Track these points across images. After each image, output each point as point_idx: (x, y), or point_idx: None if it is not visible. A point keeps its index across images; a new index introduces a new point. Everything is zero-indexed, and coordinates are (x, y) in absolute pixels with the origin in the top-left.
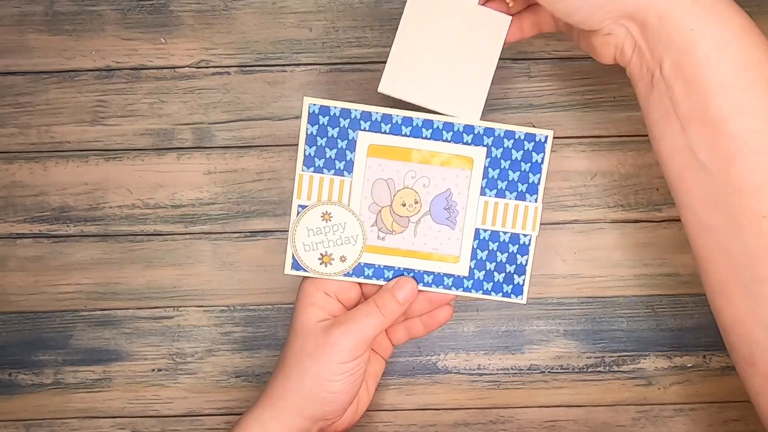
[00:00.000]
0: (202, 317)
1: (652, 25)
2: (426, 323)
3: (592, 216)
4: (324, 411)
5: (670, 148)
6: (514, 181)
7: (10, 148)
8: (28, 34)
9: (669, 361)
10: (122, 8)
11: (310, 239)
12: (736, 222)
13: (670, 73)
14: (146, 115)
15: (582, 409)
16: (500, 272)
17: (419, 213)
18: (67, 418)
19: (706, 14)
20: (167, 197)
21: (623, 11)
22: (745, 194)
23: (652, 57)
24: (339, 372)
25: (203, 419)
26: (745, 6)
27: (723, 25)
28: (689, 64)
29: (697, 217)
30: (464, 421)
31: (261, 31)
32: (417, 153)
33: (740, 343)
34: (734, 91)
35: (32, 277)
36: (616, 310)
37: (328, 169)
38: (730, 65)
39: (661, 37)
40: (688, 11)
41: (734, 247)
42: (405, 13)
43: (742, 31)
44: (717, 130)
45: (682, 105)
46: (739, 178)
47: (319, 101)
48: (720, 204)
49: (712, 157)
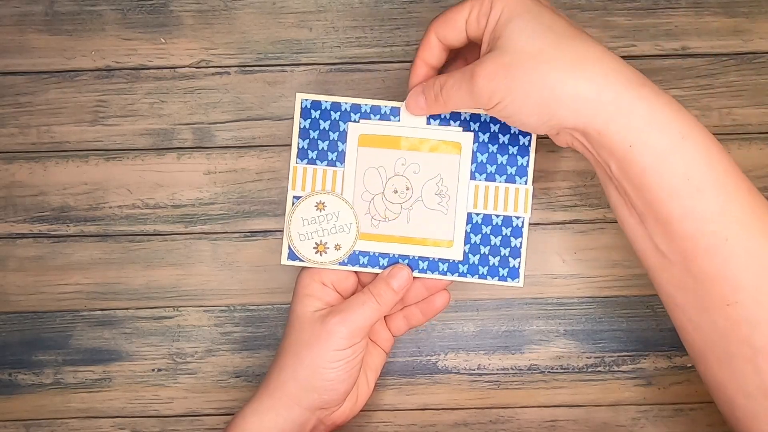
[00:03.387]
0: (202, 317)
1: (594, 138)
2: (424, 311)
3: (592, 216)
4: (321, 400)
5: (632, 233)
6: (502, 164)
7: (10, 148)
8: (28, 34)
9: (669, 361)
10: (122, 8)
11: (305, 229)
12: (703, 305)
13: (619, 176)
14: (146, 115)
15: (582, 409)
16: (495, 256)
17: (411, 199)
18: (67, 418)
19: (646, 127)
20: (167, 197)
21: (565, 125)
22: (708, 283)
23: (600, 159)
24: (335, 359)
25: (203, 419)
26: (744, 6)
27: (662, 136)
28: (634, 173)
29: (667, 295)
30: (464, 421)
31: (261, 31)
32: (406, 141)
33: (723, 404)
34: (680, 199)
35: (32, 277)
36: (616, 310)
37: (321, 160)
38: (672, 175)
39: (603, 146)
40: (626, 126)
41: (705, 325)
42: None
43: (683, 140)
44: (671, 229)
45: (635, 202)
46: (699, 269)
47: (310, 96)
48: (686, 287)
49: (670, 249)
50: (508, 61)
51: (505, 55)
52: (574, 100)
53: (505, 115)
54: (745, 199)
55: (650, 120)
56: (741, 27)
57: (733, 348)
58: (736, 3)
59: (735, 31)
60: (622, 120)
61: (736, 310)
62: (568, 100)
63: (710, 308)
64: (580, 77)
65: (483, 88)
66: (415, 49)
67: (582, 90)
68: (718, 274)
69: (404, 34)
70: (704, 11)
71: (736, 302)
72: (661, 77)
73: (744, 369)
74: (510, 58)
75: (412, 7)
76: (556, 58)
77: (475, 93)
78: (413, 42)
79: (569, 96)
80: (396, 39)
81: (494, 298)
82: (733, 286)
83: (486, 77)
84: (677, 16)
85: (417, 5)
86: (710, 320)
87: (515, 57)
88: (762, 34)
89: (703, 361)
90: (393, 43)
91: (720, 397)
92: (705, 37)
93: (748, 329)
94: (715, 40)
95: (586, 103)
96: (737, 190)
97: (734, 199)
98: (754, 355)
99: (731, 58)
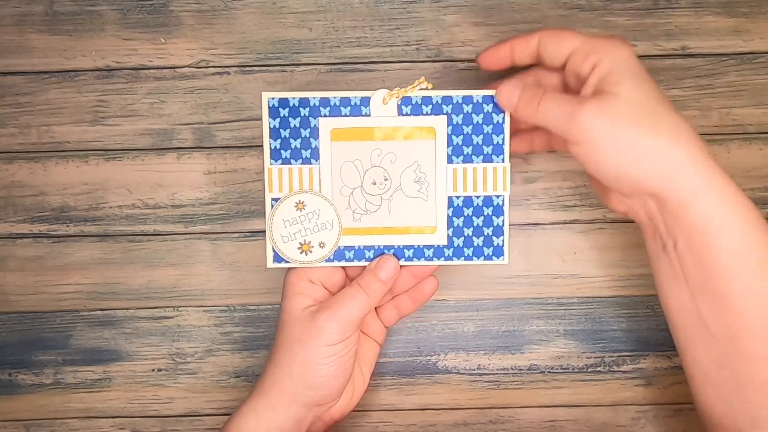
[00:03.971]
0: (202, 317)
1: (673, 208)
2: (413, 298)
3: (592, 216)
4: (317, 396)
5: (678, 307)
6: (479, 144)
7: (10, 148)
8: (28, 34)
9: (669, 361)
10: (122, 8)
11: (287, 230)
12: (741, 383)
13: (684, 249)
14: (146, 115)
15: (582, 409)
16: (479, 236)
17: (390, 189)
18: (67, 418)
19: (727, 207)
20: (167, 197)
21: (651, 186)
22: (754, 362)
23: (667, 232)
24: (327, 355)
25: (203, 419)
26: (744, 6)
27: (741, 219)
28: (705, 247)
29: (703, 371)
30: (464, 421)
31: (261, 31)
32: (379, 131)
33: None
34: (746, 279)
35: (32, 277)
36: (616, 310)
37: (295, 159)
38: (746, 256)
39: (679, 219)
40: (710, 203)
41: (737, 404)
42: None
43: (757, 226)
44: (726, 306)
45: (693, 277)
46: (746, 348)
47: (277, 94)
48: (726, 365)
49: (719, 325)
50: (621, 107)
51: (619, 101)
52: (672, 165)
53: (592, 159)
54: None
55: (732, 201)
56: (741, 27)
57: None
58: (736, 3)
59: (735, 31)
60: (709, 196)
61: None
62: (667, 163)
63: (748, 387)
64: (682, 146)
65: (585, 119)
66: (416, 48)
67: (681, 158)
68: (766, 353)
69: (404, 34)
70: (704, 11)
71: None
72: (661, 77)
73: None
74: (624, 106)
75: (412, 7)
76: (666, 123)
77: (575, 119)
78: (413, 42)
79: (670, 160)
80: (396, 39)
81: (494, 298)
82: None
83: (593, 113)
84: (677, 16)
85: (417, 5)
86: (745, 398)
87: (629, 107)
88: (762, 34)
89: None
90: (393, 43)
91: None
92: (705, 37)
93: None
94: (715, 40)
95: (682, 171)
96: None
97: None
98: None
99: (731, 58)
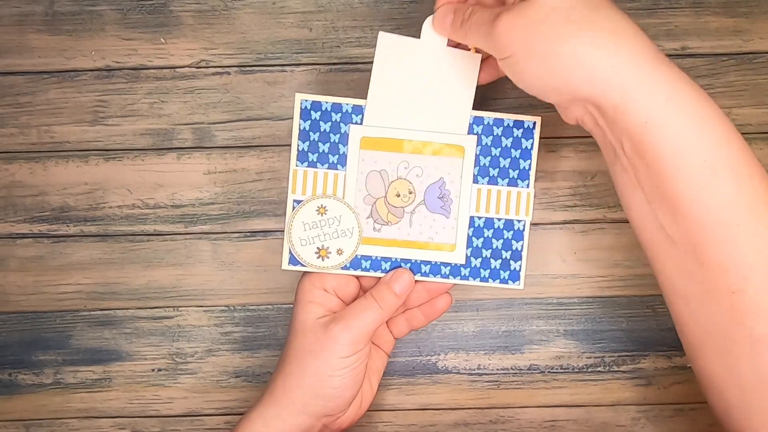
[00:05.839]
0: (202, 317)
1: (608, 113)
2: (426, 313)
3: (592, 216)
4: (327, 407)
5: (638, 218)
6: (505, 167)
7: (10, 148)
8: (28, 34)
9: (669, 361)
10: (122, 8)
11: (306, 233)
12: (706, 293)
13: (632, 154)
14: (146, 115)
15: (582, 409)
16: (496, 259)
17: (414, 203)
18: (67, 418)
19: (665, 104)
20: (167, 197)
21: (580, 94)
22: (714, 270)
23: (612, 136)
24: (340, 367)
25: (203, 419)
26: (744, 6)
27: (681, 115)
28: (647, 152)
29: (670, 283)
30: (464, 421)
31: (261, 31)
32: (408, 143)
33: (716, 399)
34: (693, 181)
35: (32, 277)
36: (616, 310)
37: (321, 163)
38: (687, 155)
39: (618, 123)
40: (645, 102)
41: (706, 315)
42: (376, 57)
43: (701, 121)
44: (680, 212)
45: (645, 183)
46: (706, 255)
47: (310, 97)
48: (690, 275)
49: (677, 233)
50: (533, 14)
51: (532, 7)
52: (594, 68)
53: (515, 72)
54: (758, 186)
55: (670, 98)
56: (741, 27)
57: (733, 338)
58: (736, 3)
59: (735, 31)
60: (642, 95)
61: (740, 298)
62: (587, 68)
63: (714, 296)
64: (604, 46)
65: (500, 36)
66: None
67: (604, 59)
68: (726, 261)
69: (404, 34)
70: (704, 11)
71: (742, 290)
72: None
73: (741, 359)
74: (536, 12)
75: (412, 7)
76: (584, 23)
77: (492, 37)
78: None
79: (590, 64)
80: None
81: (494, 298)
82: (740, 274)
83: (506, 25)
84: (677, 16)
85: (417, 5)
86: (712, 310)
87: (542, 12)
88: (762, 34)
89: (699, 355)
90: None
91: (713, 391)
92: (705, 37)
93: (751, 318)
94: (715, 40)
95: (606, 73)
96: (751, 177)
97: (748, 186)
98: (753, 345)
99: (731, 58)
